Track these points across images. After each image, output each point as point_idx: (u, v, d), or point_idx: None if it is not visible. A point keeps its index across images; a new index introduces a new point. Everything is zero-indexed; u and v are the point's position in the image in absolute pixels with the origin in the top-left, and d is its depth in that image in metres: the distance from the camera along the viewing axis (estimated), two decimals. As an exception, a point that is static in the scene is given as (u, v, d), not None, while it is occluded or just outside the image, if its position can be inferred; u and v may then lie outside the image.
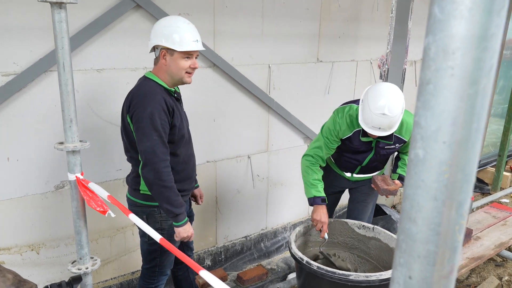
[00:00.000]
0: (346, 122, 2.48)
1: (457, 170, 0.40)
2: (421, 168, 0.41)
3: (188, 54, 1.99)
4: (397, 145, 2.53)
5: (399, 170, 2.70)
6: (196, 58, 2.05)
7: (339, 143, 2.55)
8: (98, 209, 1.82)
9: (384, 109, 2.23)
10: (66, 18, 1.65)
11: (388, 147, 2.51)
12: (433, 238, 0.41)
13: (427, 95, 0.40)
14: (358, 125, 2.45)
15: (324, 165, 2.62)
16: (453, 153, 0.39)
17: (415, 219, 0.42)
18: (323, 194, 2.54)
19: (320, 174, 2.58)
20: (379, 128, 2.28)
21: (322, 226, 2.53)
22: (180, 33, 1.95)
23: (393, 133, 2.44)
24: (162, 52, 1.98)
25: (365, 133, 2.44)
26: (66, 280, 1.70)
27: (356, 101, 2.60)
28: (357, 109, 2.48)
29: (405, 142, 2.54)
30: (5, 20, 2.20)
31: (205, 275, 1.14)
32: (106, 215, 1.82)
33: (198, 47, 2.01)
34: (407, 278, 0.43)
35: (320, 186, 2.55)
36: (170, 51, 1.97)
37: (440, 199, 0.40)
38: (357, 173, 2.76)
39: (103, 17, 2.47)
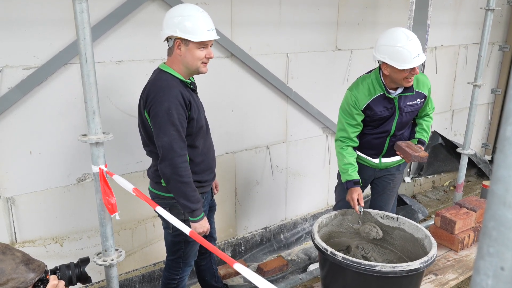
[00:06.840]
0: (363, 92, 2.49)
1: None
2: (521, 147, 0.37)
3: (203, 44, 1.95)
4: (418, 100, 2.54)
5: (417, 135, 2.70)
6: (211, 46, 2.01)
7: (362, 116, 2.53)
8: (108, 206, 1.81)
9: (406, 34, 2.30)
10: (87, 8, 1.63)
11: (410, 102, 2.51)
12: (533, 225, 0.37)
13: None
14: (377, 91, 2.47)
15: (356, 144, 2.60)
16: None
17: (511, 204, 0.38)
18: (354, 177, 2.54)
19: (351, 157, 2.57)
20: (418, 55, 2.30)
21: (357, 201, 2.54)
22: (194, 22, 1.90)
23: (412, 87, 2.48)
24: (176, 43, 1.94)
25: (388, 93, 2.47)
26: (75, 262, 1.72)
27: (367, 72, 2.60)
28: (371, 75, 2.51)
29: (425, 97, 2.56)
30: (25, 13, 2.19)
31: (240, 268, 1.11)
32: (112, 215, 1.82)
33: (213, 36, 1.96)
34: (498, 269, 0.39)
35: (351, 170, 2.55)
36: (185, 41, 1.92)
37: (543, 181, 0.36)
38: (384, 156, 2.71)
39: (120, 8, 2.44)
